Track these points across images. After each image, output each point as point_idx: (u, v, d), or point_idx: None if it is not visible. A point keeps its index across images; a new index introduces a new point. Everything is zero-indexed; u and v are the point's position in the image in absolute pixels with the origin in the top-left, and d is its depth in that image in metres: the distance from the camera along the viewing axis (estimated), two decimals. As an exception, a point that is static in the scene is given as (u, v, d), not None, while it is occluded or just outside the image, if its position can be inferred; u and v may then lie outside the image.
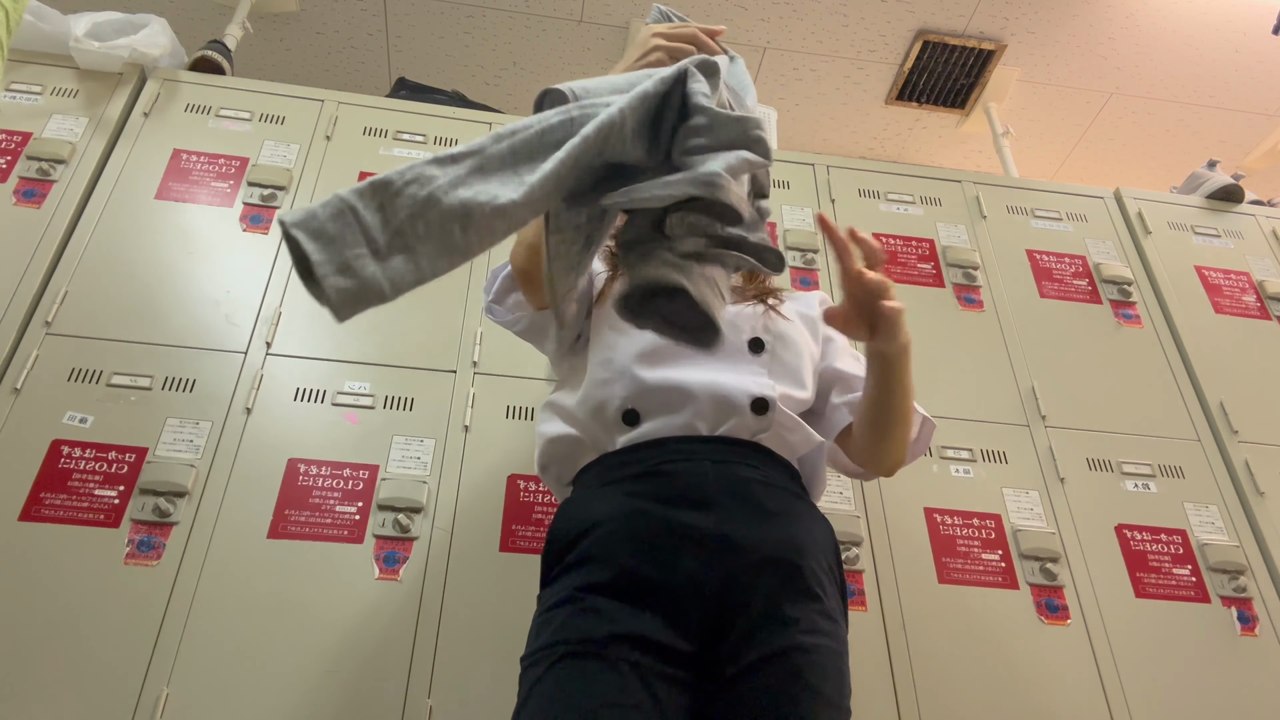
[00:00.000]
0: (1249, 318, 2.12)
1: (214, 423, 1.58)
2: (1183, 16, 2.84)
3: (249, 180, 1.88)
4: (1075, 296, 2.09)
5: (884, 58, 3.02)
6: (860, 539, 1.64)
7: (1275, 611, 1.70)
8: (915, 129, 3.32)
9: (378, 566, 1.48)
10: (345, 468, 1.57)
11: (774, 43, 2.97)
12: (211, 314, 1.70)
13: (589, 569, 1.04)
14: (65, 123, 1.89)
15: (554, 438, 1.21)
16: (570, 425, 1.20)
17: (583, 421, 1.18)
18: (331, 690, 1.37)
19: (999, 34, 2.93)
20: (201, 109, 2.00)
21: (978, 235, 2.14)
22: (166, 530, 1.46)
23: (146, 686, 1.34)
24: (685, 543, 1.04)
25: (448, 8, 2.86)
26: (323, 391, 1.65)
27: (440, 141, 2.04)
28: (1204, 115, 3.20)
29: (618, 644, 0.97)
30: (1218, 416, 1.93)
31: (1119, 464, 1.83)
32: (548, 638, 1.00)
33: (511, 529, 1.55)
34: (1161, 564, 1.72)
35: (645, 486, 1.09)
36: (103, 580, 1.41)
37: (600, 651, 0.96)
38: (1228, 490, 1.84)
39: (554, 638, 0.99)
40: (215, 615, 1.40)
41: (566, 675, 0.96)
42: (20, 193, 1.78)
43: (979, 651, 1.58)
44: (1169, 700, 1.57)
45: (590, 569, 1.04)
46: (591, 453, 1.19)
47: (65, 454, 1.51)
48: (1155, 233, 2.23)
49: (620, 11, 2.85)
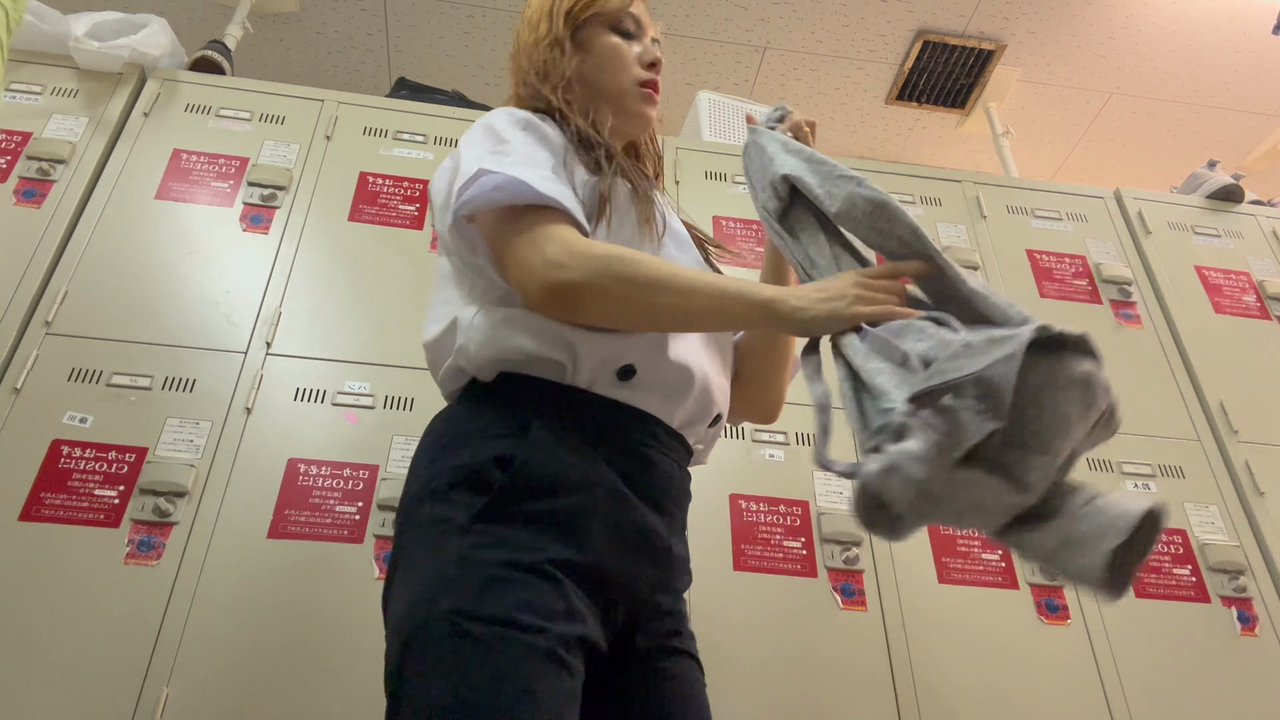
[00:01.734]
0: (1249, 318, 2.12)
1: (214, 423, 1.58)
2: (1183, 16, 2.84)
3: (249, 180, 1.88)
4: (1075, 296, 2.09)
5: (884, 58, 3.02)
6: (860, 539, 1.64)
7: (1275, 611, 1.70)
8: (915, 129, 3.32)
9: (378, 566, 1.48)
10: (345, 468, 1.57)
11: (774, 43, 2.97)
12: (211, 314, 1.70)
13: (560, 539, 0.90)
14: (65, 123, 1.89)
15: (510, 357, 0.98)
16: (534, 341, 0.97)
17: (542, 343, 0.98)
18: (331, 690, 1.37)
19: (999, 34, 2.93)
20: (201, 109, 2.00)
21: (978, 235, 2.14)
22: (166, 530, 1.46)
23: (146, 686, 1.34)
24: (645, 547, 0.98)
25: (448, 8, 2.86)
26: (323, 391, 1.65)
27: (440, 141, 2.04)
28: (1204, 115, 3.20)
29: (577, 652, 0.86)
30: (1218, 416, 1.93)
31: (1119, 464, 1.83)
32: (527, 617, 0.83)
33: (511, 529, 1.55)
34: (1161, 564, 1.72)
35: (627, 468, 0.97)
36: (103, 580, 1.41)
37: (570, 664, 0.84)
38: (1228, 490, 1.84)
39: (534, 620, 0.83)
40: (215, 615, 1.40)
41: (552, 689, 0.82)
42: (20, 193, 1.78)
43: (979, 651, 1.58)
44: (1169, 700, 1.57)
45: (562, 540, 0.90)
46: (546, 372, 0.99)
47: (65, 454, 1.51)
48: (1155, 233, 2.23)
49: (620, 11, 2.85)
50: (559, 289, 0.93)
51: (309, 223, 1.85)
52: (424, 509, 0.93)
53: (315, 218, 1.86)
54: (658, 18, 2.83)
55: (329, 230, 1.85)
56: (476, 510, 0.90)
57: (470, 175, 0.96)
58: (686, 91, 3.08)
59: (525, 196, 0.95)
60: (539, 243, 0.94)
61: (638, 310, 0.95)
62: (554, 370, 0.98)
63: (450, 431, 0.99)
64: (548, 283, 0.93)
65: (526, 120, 1.07)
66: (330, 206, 1.89)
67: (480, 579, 0.85)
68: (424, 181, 1.96)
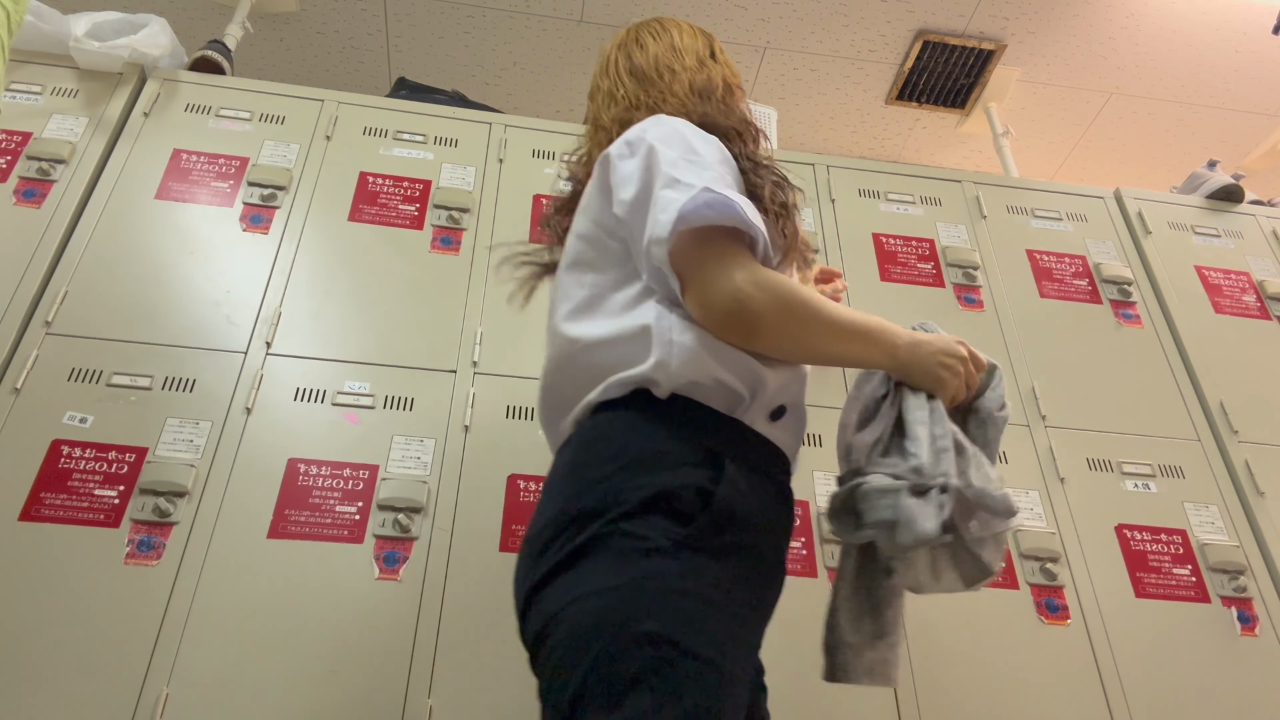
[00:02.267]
0: (1249, 318, 2.12)
1: (214, 423, 1.58)
2: (1183, 16, 2.84)
3: (249, 180, 1.88)
4: (1075, 296, 2.09)
5: (884, 58, 3.02)
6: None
7: (1275, 611, 1.70)
8: (915, 129, 3.32)
9: (378, 566, 1.48)
10: (345, 468, 1.57)
11: (774, 43, 2.97)
12: (211, 314, 1.70)
13: (752, 577, 0.94)
14: (65, 123, 1.89)
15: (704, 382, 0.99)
16: (732, 374, 1.00)
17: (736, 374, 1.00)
18: (331, 690, 1.37)
19: (999, 34, 2.93)
20: (201, 109, 2.00)
21: (978, 235, 2.14)
22: (166, 530, 1.46)
23: (146, 686, 1.34)
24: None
25: (448, 8, 2.86)
26: (323, 391, 1.65)
27: (440, 141, 2.05)
28: (1204, 115, 3.20)
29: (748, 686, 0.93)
30: (1218, 416, 1.93)
31: (1119, 464, 1.83)
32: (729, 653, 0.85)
33: (511, 529, 1.55)
34: (1161, 564, 1.72)
35: (787, 509, 1.04)
36: (103, 580, 1.41)
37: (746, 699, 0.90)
38: (1228, 490, 1.84)
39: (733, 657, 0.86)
40: (215, 615, 1.40)
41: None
42: (20, 193, 1.78)
43: (979, 651, 1.58)
44: (1169, 700, 1.57)
45: (753, 579, 0.95)
46: (719, 402, 1.01)
47: (65, 454, 1.51)
48: (1155, 233, 2.23)
49: (620, 11, 2.85)
50: (742, 316, 0.97)
51: (309, 223, 1.85)
52: (610, 521, 0.91)
53: (315, 218, 1.86)
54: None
55: (329, 230, 1.85)
56: (678, 538, 0.89)
57: (694, 189, 0.98)
58: (686, 91, 3.08)
59: (731, 220, 0.99)
60: (730, 267, 0.98)
61: (801, 347, 1.03)
62: (728, 401, 1.01)
63: (632, 446, 0.97)
64: (732, 308, 0.97)
65: (707, 135, 1.10)
66: (330, 206, 1.89)
67: (686, 610, 0.85)
68: (424, 181, 1.96)
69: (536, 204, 1.98)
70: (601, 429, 1.01)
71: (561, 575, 0.90)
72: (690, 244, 0.99)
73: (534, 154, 2.07)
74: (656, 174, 1.02)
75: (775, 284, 0.98)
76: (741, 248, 1.00)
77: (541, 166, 2.05)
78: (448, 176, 1.98)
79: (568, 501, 0.95)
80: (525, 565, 0.96)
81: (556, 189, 1.34)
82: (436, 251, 1.86)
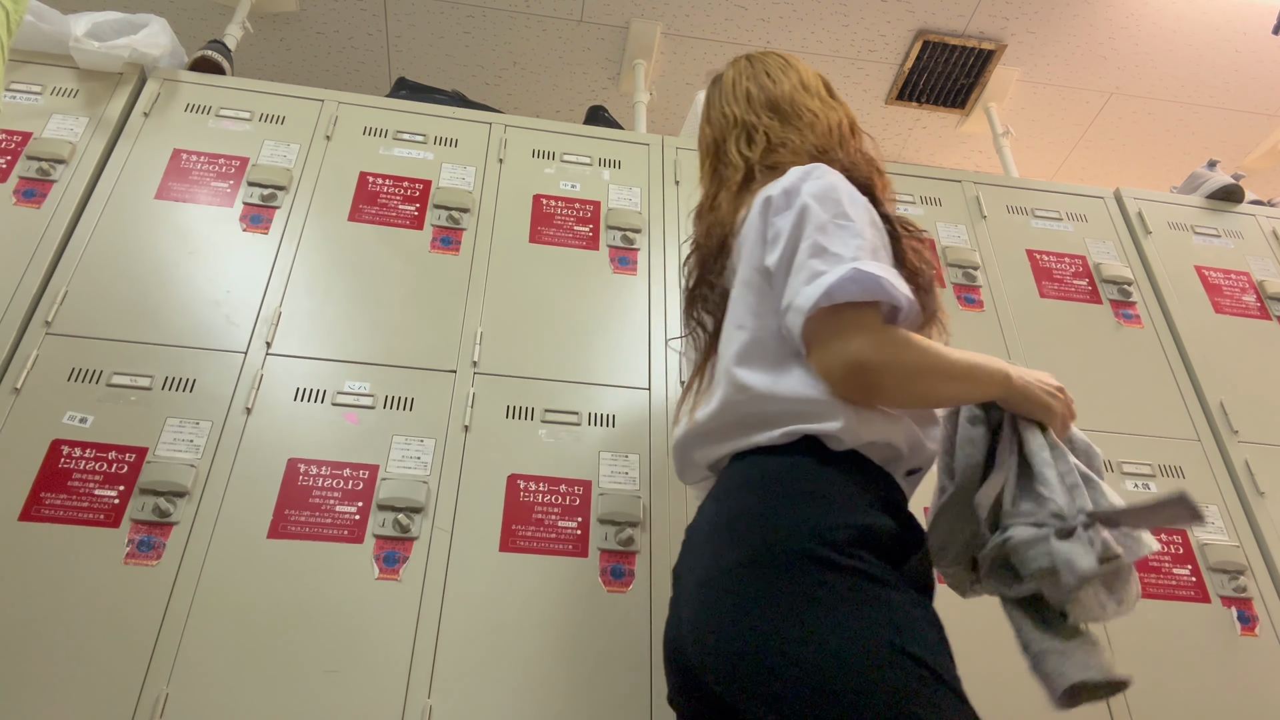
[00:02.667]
0: (1249, 318, 2.12)
1: (214, 423, 1.58)
2: (1183, 16, 2.84)
3: (249, 180, 1.88)
4: (1075, 296, 2.09)
5: (884, 58, 3.02)
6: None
7: (1275, 611, 1.70)
8: (915, 129, 3.32)
9: (378, 566, 1.48)
10: (345, 468, 1.57)
11: (774, 43, 2.97)
12: (211, 314, 1.70)
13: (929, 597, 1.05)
14: (65, 123, 1.89)
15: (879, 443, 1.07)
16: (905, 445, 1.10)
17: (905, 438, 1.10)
18: (331, 690, 1.37)
19: (999, 34, 2.93)
20: (201, 109, 2.00)
21: (978, 235, 2.14)
22: (166, 530, 1.46)
23: (146, 686, 1.34)
24: None
25: (448, 8, 2.86)
26: (323, 391, 1.65)
27: (440, 141, 2.04)
28: (1204, 115, 3.20)
29: None
30: (1218, 416, 1.93)
31: (1119, 464, 1.83)
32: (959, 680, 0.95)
33: (511, 529, 1.55)
34: (1161, 564, 1.72)
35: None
36: (103, 580, 1.41)
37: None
38: (1228, 490, 1.84)
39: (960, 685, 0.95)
40: (215, 615, 1.40)
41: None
42: (20, 193, 1.78)
43: (978, 652, 1.57)
44: (1169, 700, 1.57)
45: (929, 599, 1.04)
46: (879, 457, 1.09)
47: (65, 454, 1.51)
48: (1155, 233, 2.23)
49: (620, 11, 2.85)
50: (861, 380, 1.02)
51: (309, 223, 1.85)
52: (823, 556, 0.94)
53: (315, 218, 1.86)
54: (657, 17, 2.84)
55: (329, 230, 1.85)
56: (898, 573, 0.98)
57: (842, 265, 1.03)
58: (686, 92, 3.08)
59: (874, 294, 1.03)
60: (851, 335, 1.03)
61: (920, 398, 1.09)
62: (887, 456, 1.08)
63: (813, 489, 1.02)
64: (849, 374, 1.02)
65: (857, 195, 1.13)
66: (330, 206, 1.89)
67: (933, 639, 0.94)
68: (424, 181, 1.96)
69: (536, 204, 1.98)
70: (764, 469, 1.06)
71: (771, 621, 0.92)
72: (824, 313, 1.03)
73: (534, 154, 2.07)
74: (804, 235, 1.07)
75: (892, 344, 1.04)
76: (870, 312, 1.05)
77: (541, 166, 2.05)
78: (448, 176, 1.98)
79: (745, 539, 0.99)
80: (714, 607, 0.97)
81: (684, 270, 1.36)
82: (436, 251, 1.86)
